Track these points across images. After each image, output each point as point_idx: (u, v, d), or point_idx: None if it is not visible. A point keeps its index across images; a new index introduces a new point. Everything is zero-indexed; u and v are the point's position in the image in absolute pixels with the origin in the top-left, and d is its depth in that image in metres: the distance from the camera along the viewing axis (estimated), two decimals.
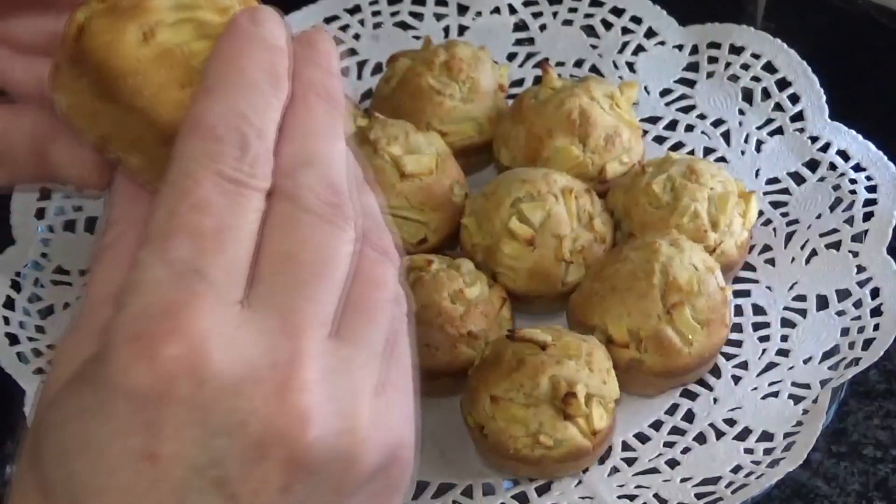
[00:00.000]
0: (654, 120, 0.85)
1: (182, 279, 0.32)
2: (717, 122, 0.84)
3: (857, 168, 0.78)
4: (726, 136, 0.83)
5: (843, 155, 0.79)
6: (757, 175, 0.80)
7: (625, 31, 0.89)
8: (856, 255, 0.74)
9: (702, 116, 0.84)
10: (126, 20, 0.38)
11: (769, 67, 0.84)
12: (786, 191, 0.79)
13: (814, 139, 0.80)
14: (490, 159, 0.83)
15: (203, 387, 0.31)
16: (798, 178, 0.80)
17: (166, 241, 0.33)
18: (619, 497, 0.66)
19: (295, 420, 0.32)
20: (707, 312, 0.69)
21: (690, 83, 0.86)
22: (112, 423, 0.32)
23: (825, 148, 0.80)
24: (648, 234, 0.72)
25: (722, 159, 0.82)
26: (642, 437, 0.69)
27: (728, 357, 0.72)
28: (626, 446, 0.69)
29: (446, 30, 0.91)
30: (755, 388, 0.70)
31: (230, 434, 0.32)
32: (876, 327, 0.70)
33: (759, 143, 0.82)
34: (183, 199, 0.33)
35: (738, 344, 0.72)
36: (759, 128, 0.82)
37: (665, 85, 0.86)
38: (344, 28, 0.90)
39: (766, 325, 0.73)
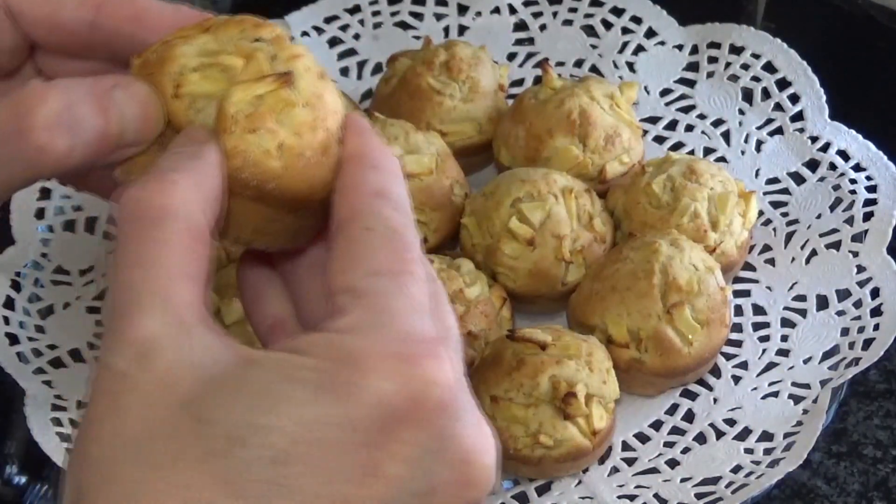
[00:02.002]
0: (654, 120, 0.85)
1: (429, 320, 0.34)
2: (717, 122, 0.84)
3: (857, 168, 0.78)
4: (726, 136, 0.83)
5: (843, 155, 0.79)
6: (757, 175, 0.80)
7: (625, 31, 0.89)
8: (856, 255, 0.74)
9: (702, 116, 0.84)
10: (160, 75, 0.38)
11: (769, 67, 0.84)
12: (786, 191, 0.79)
13: (814, 139, 0.80)
14: (490, 159, 0.83)
15: (444, 416, 0.33)
16: (798, 178, 0.80)
17: (407, 279, 0.35)
18: (619, 497, 0.66)
19: (491, 459, 0.34)
20: (707, 312, 0.69)
21: (690, 83, 0.86)
22: (348, 431, 0.31)
23: (825, 148, 0.80)
24: (648, 234, 0.72)
25: (722, 159, 0.82)
26: (642, 437, 0.69)
27: (728, 357, 0.72)
28: (626, 446, 0.69)
29: (446, 30, 0.91)
30: (755, 388, 0.70)
31: (452, 467, 0.33)
32: (876, 327, 0.70)
33: (759, 143, 0.82)
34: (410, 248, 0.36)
35: (738, 344, 0.72)
36: (759, 128, 0.82)
37: (665, 85, 0.86)
38: (344, 28, 0.90)
39: (766, 325, 0.73)
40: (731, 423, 0.68)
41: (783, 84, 0.83)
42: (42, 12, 0.42)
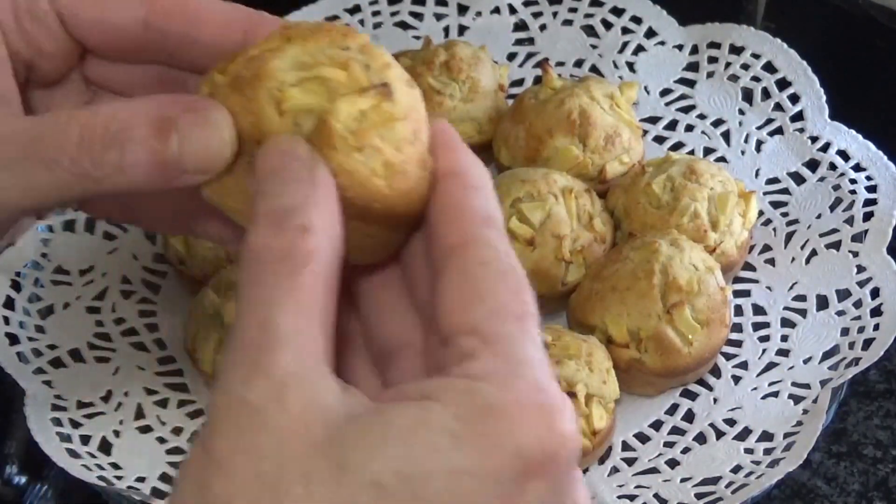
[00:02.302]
0: (654, 120, 0.85)
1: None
2: (717, 122, 0.84)
3: (857, 168, 0.78)
4: (726, 136, 0.83)
5: (843, 155, 0.79)
6: (757, 175, 0.80)
7: (625, 31, 0.89)
8: (856, 255, 0.74)
9: (702, 116, 0.84)
10: (255, 91, 0.36)
11: (769, 67, 0.84)
12: (786, 191, 0.79)
13: (814, 139, 0.80)
14: (490, 159, 0.83)
15: (569, 471, 0.33)
16: (798, 178, 0.80)
17: (530, 323, 0.34)
18: (619, 497, 0.66)
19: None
20: (707, 312, 0.69)
21: (690, 83, 0.86)
22: (488, 482, 0.31)
23: (825, 148, 0.80)
24: (648, 234, 0.72)
25: (722, 159, 0.82)
26: (642, 437, 0.69)
27: (728, 357, 0.72)
28: (626, 446, 0.69)
29: (446, 30, 0.91)
30: (755, 388, 0.70)
31: None
32: (876, 327, 0.70)
33: (759, 143, 0.82)
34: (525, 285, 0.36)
35: (738, 344, 0.72)
36: (759, 128, 0.82)
37: (665, 85, 0.86)
38: None
39: (766, 325, 0.73)
40: (731, 423, 0.68)
41: (783, 84, 0.83)
42: (93, 13, 0.41)
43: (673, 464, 0.67)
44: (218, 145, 0.36)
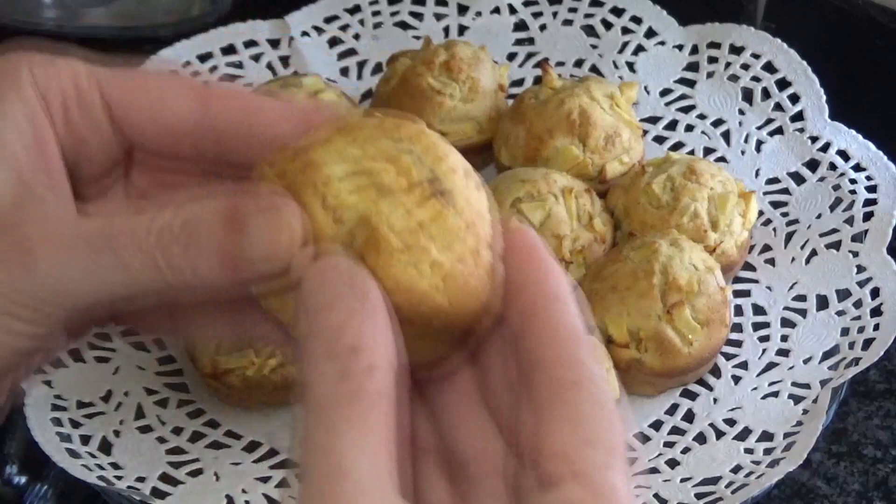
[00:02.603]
0: (654, 120, 0.85)
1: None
2: (717, 122, 0.84)
3: (857, 168, 0.78)
4: (726, 136, 0.83)
5: (843, 155, 0.79)
6: (757, 175, 0.80)
7: (625, 31, 0.89)
8: (856, 255, 0.74)
9: (702, 116, 0.84)
10: (301, 185, 0.35)
11: (769, 67, 0.84)
12: (786, 191, 0.79)
13: (814, 139, 0.80)
14: (490, 159, 0.83)
15: None
16: (798, 178, 0.80)
17: (622, 456, 0.33)
18: None
19: None
20: (707, 312, 0.69)
21: (690, 83, 0.86)
22: None
23: (825, 148, 0.80)
24: (648, 234, 0.72)
25: (722, 159, 0.82)
26: (642, 437, 0.69)
27: (728, 357, 0.72)
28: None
29: (446, 30, 0.91)
30: (755, 388, 0.70)
31: None
32: (876, 327, 0.70)
33: (759, 143, 0.82)
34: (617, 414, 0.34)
35: (738, 344, 0.72)
36: (759, 128, 0.83)
37: (665, 85, 0.86)
38: (344, 28, 0.90)
39: (766, 325, 0.73)
40: (731, 423, 0.68)
41: (783, 84, 0.83)
42: (146, 103, 0.39)
43: (673, 464, 0.67)
44: (288, 233, 0.35)
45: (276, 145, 0.38)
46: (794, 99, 0.82)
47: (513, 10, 0.91)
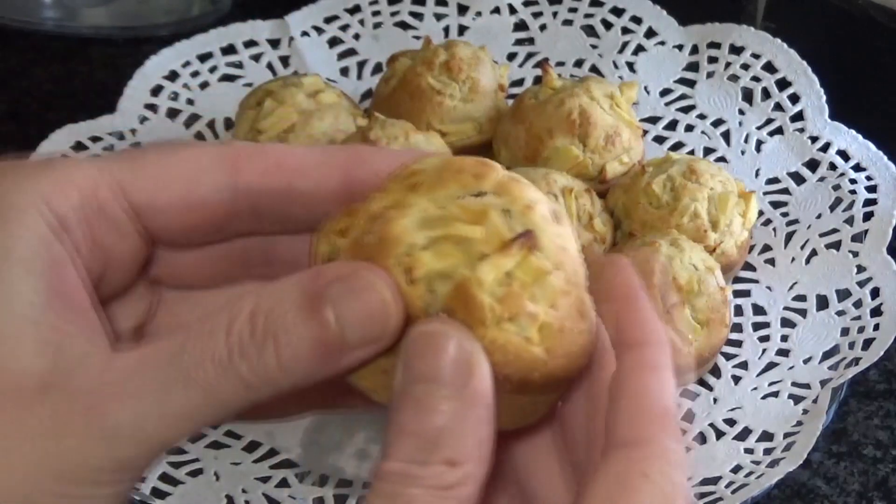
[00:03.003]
0: (654, 120, 0.85)
1: None
2: (717, 122, 0.84)
3: (857, 168, 0.78)
4: (726, 136, 0.83)
5: (843, 155, 0.79)
6: (757, 175, 0.81)
7: (625, 31, 0.89)
8: (856, 255, 0.74)
9: (702, 116, 0.84)
10: (383, 259, 0.32)
11: (769, 67, 0.84)
12: (786, 191, 0.79)
13: (814, 139, 0.80)
14: (490, 159, 0.83)
15: None
16: (798, 178, 0.80)
17: None
18: None
19: None
20: (707, 312, 0.69)
21: (690, 83, 0.86)
22: None
23: (825, 148, 0.80)
24: (648, 234, 0.72)
25: (722, 159, 0.82)
26: None
27: (728, 357, 0.72)
28: None
29: (446, 30, 0.91)
30: (755, 388, 0.70)
31: None
32: (876, 327, 0.70)
33: (759, 143, 0.82)
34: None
35: (738, 344, 0.72)
36: (759, 128, 0.83)
37: (665, 85, 0.86)
38: (344, 28, 0.90)
39: (766, 325, 0.73)
40: (731, 423, 0.68)
41: (783, 84, 0.83)
42: (177, 204, 0.35)
43: None
44: (380, 306, 0.32)
45: (319, 202, 0.35)
46: (794, 99, 0.82)
47: (513, 10, 0.91)
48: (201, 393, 0.31)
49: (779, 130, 0.82)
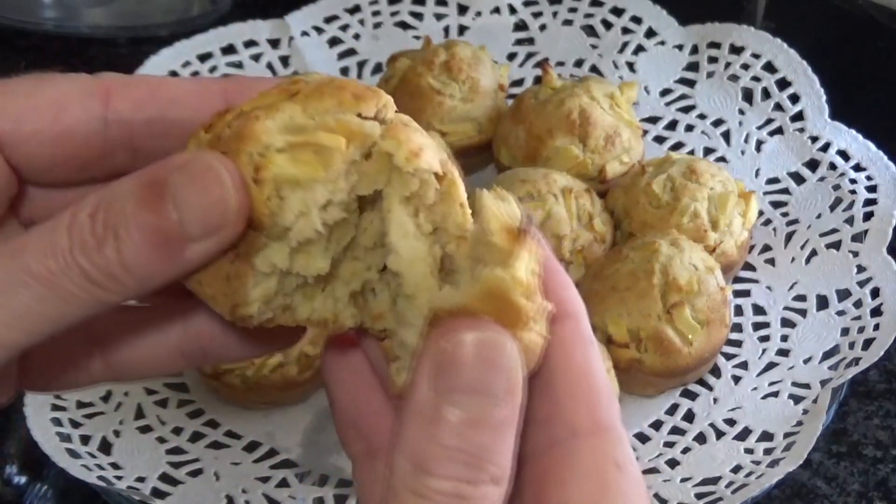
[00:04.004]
0: (654, 120, 0.85)
1: None
2: (717, 122, 0.84)
3: (857, 168, 0.78)
4: (726, 135, 0.83)
5: (844, 155, 0.79)
6: (757, 175, 0.81)
7: (625, 30, 0.89)
8: (856, 254, 0.74)
9: (702, 116, 0.84)
10: (235, 154, 0.31)
11: (769, 67, 0.84)
12: (786, 191, 0.79)
13: (814, 139, 0.80)
14: (490, 159, 0.83)
15: None
16: (798, 178, 0.80)
17: None
18: None
19: None
20: (707, 312, 0.69)
21: (690, 83, 0.86)
22: None
23: (825, 148, 0.80)
24: (648, 234, 0.72)
25: (722, 159, 0.82)
26: (642, 437, 0.69)
27: (728, 357, 0.72)
28: None
29: (446, 30, 0.91)
30: (755, 388, 0.70)
31: None
32: (876, 327, 0.70)
33: (760, 143, 0.82)
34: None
35: (738, 344, 0.72)
36: (759, 128, 0.83)
37: (665, 85, 0.86)
38: (344, 28, 0.90)
39: (767, 325, 0.73)
40: (731, 423, 0.68)
41: (783, 84, 0.83)
42: (41, 122, 0.34)
43: (673, 464, 0.67)
44: (218, 193, 0.31)
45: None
46: (794, 99, 0.82)
47: (513, 10, 0.91)
48: (44, 290, 0.30)
49: (779, 130, 0.82)
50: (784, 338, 0.72)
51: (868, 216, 0.75)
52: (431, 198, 0.33)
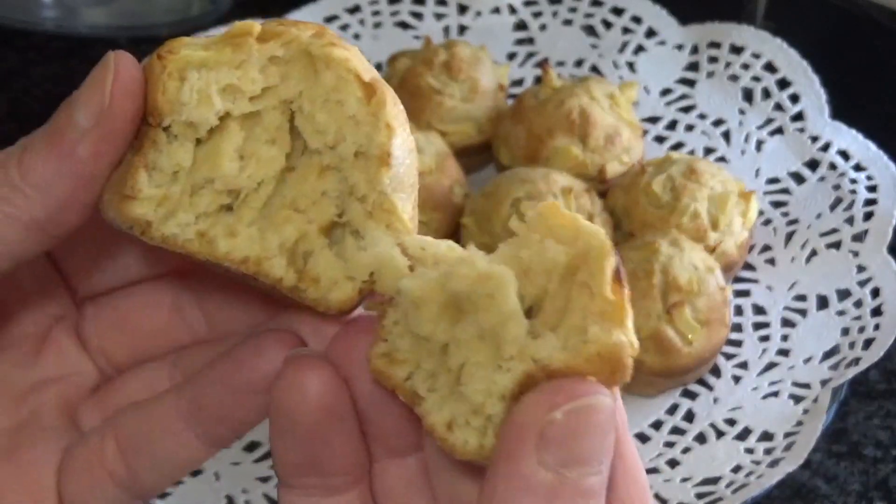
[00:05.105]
0: (654, 120, 0.85)
1: None
2: (718, 122, 0.84)
3: (858, 168, 0.78)
4: (726, 135, 0.83)
5: (844, 154, 0.79)
6: (757, 174, 0.80)
7: (625, 30, 0.89)
8: (856, 254, 0.74)
9: (702, 116, 0.84)
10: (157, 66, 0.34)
11: (769, 67, 0.84)
12: (786, 190, 0.79)
13: (814, 139, 0.80)
14: (490, 159, 0.83)
15: None
16: (798, 178, 0.80)
17: None
18: None
19: None
20: (707, 312, 0.69)
21: (691, 83, 0.86)
22: None
23: (825, 147, 0.80)
24: (648, 234, 0.72)
25: (722, 159, 0.82)
26: (642, 437, 0.69)
27: (728, 357, 0.72)
28: None
29: (446, 30, 0.91)
30: (755, 388, 0.70)
31: None
32: (876, 327, 0.70)
33: (760, 143, 0.82)
34: None
35: (739, 344, 0.72)
36: (759, 127, 0.83)
37: (665, 85, 0.86)
38: (344, 28, 0.90)
39: (767, 324, 0.73)
40: (731, 422, 0.68)
41: (783, 84, 0.83)
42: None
43: (673, 464, 0.67)
44: (101, 77, 0.33)
45: None
46: (795, 99, 0.82)
47: (513, 10, 0.91)
48: None
49: (779, 130, 0.82)
50: (784, 338, 0.72)
51: (868, 216, 0.75)
52: (353, 106, 0.33)
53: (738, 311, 0.74)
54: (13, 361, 0.38)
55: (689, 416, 0.70)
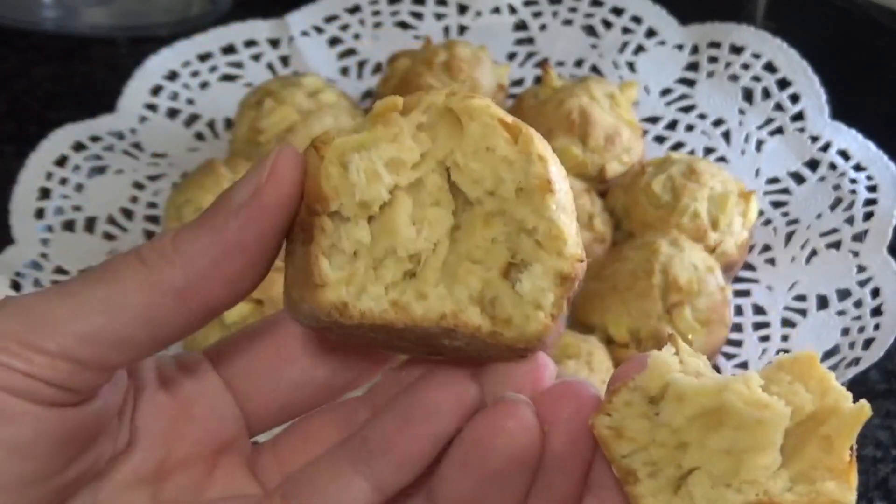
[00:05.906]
0: (654, 120, 0.85)
1: None
2: (718, 122, 0.84)
3: (858, 168, 0.78)
4: (726, 135, 0.83)
5: (844, 154, 0.79)
6: (757, 174, 0.80)
7: (625, 30, 0.89)
8: (856, 254, 0.74)
9: (702, 116, 0.84)
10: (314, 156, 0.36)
11: (769, 67, 0.84)
12: (786, 190, 0.79)
13: (814, 139, 0.80)
14: None
15: None
16: (798, 178, 0.80)
17: None
18: None
19: None
20: (707, 312, 0.69)
21: (691, 83, 0.86)
22: None
23: (825, 147, 0.80)
24: (648, 234, 0.72)
25: (722, 159, 0.82)
26: None
27: (728, 357, 0.72)
28: None
29: (446, 30, 0.91)
30: None
31: None
32: (876, 327, 0.70)
33: (760, 143, 0.82)
34: None
35: (739, 344, 0.72)
36: (759, 127, 0.83)
37: (665, 84, 0.86)
38: (344, 28, 0.90)
39: (767, 324, 0.73)
40: None
41: (783, 84, 0.83)
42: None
43: None
44: (262, 164, 0.35)
45: None
46: (795, 99, 0.82)
47: (513, 10, 0.91)
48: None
49: (779, 130, 0.82)
50: (784, 338, 0.72)
51: (868, 216, 0.75)
52: (503, 149, 0.35)
53: (738, 311, 0.74)
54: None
55: None
